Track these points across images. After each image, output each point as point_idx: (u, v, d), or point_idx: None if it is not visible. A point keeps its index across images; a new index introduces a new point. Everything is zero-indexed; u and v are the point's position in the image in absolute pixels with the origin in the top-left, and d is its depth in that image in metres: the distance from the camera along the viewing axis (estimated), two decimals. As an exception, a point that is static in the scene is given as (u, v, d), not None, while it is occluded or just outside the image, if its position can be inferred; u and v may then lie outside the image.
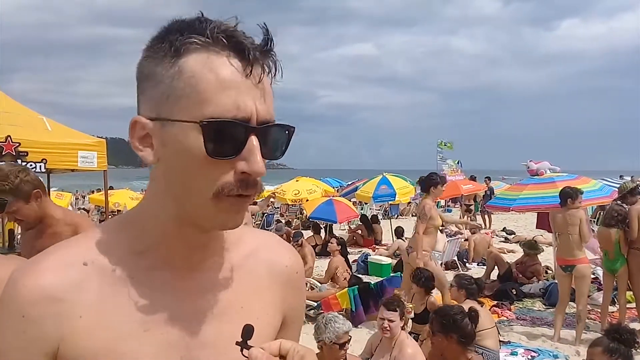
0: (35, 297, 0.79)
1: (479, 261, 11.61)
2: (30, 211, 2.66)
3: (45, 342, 0.79)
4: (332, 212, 13.10)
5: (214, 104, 0.74)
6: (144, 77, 0.80)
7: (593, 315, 7.42)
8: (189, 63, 0.75)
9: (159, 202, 0.84)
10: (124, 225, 0.90)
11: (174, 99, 0.76)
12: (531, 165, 9.59)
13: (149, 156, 0.80)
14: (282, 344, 0.78)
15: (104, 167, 6.70)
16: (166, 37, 0.77)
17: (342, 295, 7.12)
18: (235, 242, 0.96)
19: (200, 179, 0.77)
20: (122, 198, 16.43)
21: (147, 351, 0.82)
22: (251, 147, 0.76)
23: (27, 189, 2.62)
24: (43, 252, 0.86)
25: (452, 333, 3.77)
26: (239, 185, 0.77)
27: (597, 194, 8.70)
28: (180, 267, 0.87)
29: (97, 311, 0.81)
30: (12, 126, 6.00)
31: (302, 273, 1.05)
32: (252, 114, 0.76)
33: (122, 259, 0.85)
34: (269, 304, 0.95)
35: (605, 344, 3.26)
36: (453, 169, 24.88)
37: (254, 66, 0.76)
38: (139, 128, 0.80)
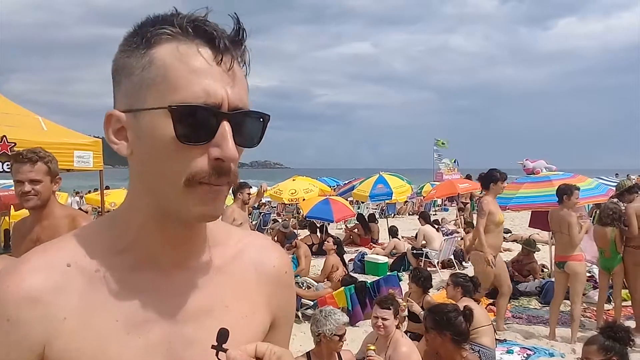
0: (18, 300, 0.78)
1: (476, 260, 11.61)
2: (49, 190, 2.91)
3: (30, 345, 0.78)
4: (329, 211, 13.11)
5: (184, 90, 0.74)
6: (118, 70, 0.80)
7: (589, 314, 7.45)
8: (160, 53, 0.75)
9: (136, 197, 0.84)
10: (106, 225, 0.90)
11: (145, 88, 0.76)
12: (527, 164, 9.60)
13: (123, 149, 0.81)
14: (257, 346, 0.77)
15: (100, 167, 6.68)
16: (139, 30, 0.78)
17: (339, 294, 7.13)
18: (222, 242, 0.95)
19: (171, 166, 0.76)
20: (118, 198, 16.36)
21: (130, 353, 0.81)
22: (223, 133, 0.75)
23: (56, 171, 2.95)
24: (26, 254, 0.86)
25: (446, 331, 3.79)
26: (212, 172, 0.76)
27: (593, 192, 8.73)
28: (163, 266, 0.86)
29: (80, 313, 0.80)
30: (8, 126, 5.98)
31: (290, 273, 1.04)
32: (223, 100, 0.75)
33: (105, 259, 0.84)
34: (256, 304, 0.94)
35: (600, 341, 3.27)
36: (450, 168, 24.96)
37: (224, 54, 0.76)
38: (114, 121, 0.80)
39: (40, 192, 2.86)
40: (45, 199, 2.89)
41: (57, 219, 2.89)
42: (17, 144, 5.74)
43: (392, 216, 20.82)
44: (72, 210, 3.27)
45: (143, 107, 0.76)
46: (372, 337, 4.83)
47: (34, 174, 2.84)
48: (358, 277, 9.64)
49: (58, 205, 3.02)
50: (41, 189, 2.86)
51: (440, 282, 9.55)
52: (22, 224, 3.05)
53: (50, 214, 2.91)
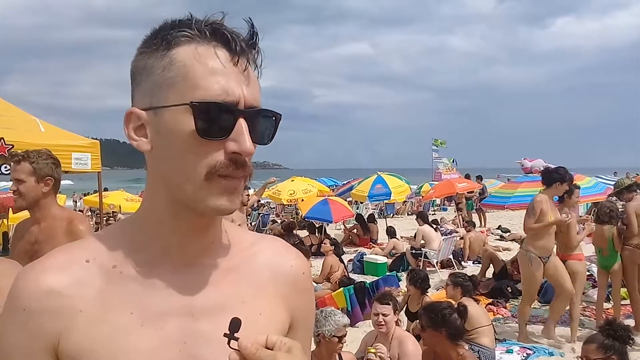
0: (36, 292, 0.82)
1: (474, 259, 11.62)
2: (33, 191, 2.84)
3: (46, 335, 0.81)
4: (328, 212, 13.12)
5: (203, 88, 0.78)
6: (138, 71, 0.85)
7: (588, 312, 7.45)
8: (179, 53, 0.80)
9: (154, 193, 0.88)
10: (126, 223, 0.94)
11: (165, 87, 0.80)
12: (525, 163, 9.63)
13: (143, 145, 0.84)
14: (268, 337, 0.78)
15: (97, 169, 6.68)
16: (158, 33, 0.83)
17: (338, 294, 7.13)
18: (237, 244, 0.97)
19: (192, 160, 0.80)
20: (116, 200, 16.36)
21: (145, 346, 0.82)
22: (240, 129, 0.80)
23: (45, 172, 2.86)
24: (49, 253, 0.89)
25: (441, 328, 3.80)
26: (229, 164, 0.80)
27: (592, 191, 8.75)
28: (179, 263, 0.89)
29: (97, 306, 0.83)
30: (6, 128, 5.97)
31: (308, 274, 1.04)
32: (240, 98, 0.80)
33: (122, 255, 0.88)
34: (274, 303, 0.95)
35: (599, 340, 3.27)
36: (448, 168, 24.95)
37: (240, 56, 0.81)
38: (134, 118, 0.84)
39: (22, 192, 2.82)
40: (30, 199, 2.84)
41: (55, 221, 2.86)
42: (15, 146, 5.74)
43: (391, 216, 20.83)
44: (71, 212, 3.23)
45: (164, 104, 0.80)
46: (371, 336, 4.82)
47: (17, 173, 2.83)
48: (357, 277, 9.65)
49: (57, 207, 2.98)
50: (23, 189, 2.82)
51: (439, 282, 9.54)
52: (23, 225, 3.04)
53: (48, 216, 2.88)
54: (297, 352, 0.79)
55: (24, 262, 2.67)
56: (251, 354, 0.75)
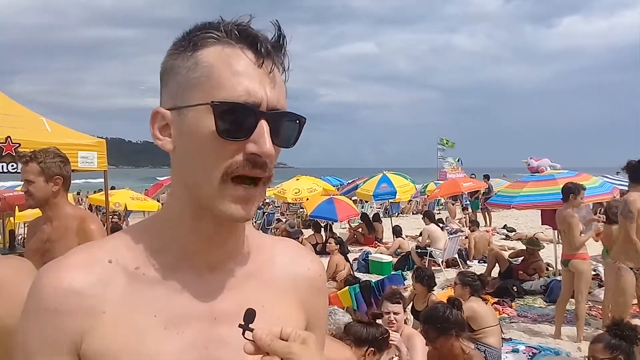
0: (59, 292, 0.81)
1: (480, 259, 11.62)
2: (42, 190, 2.86)
3: (69, 335, 0.81)
4: (333, 211, 13.10)
5: (226, 88, 0.79)
6: (166, 72, 0.85)
7: (594, 312, 7.42)
8: (205, 54, 0.81)
9: (177, 193, 0.88)
10: (148, 225, 0.94)
11: (189, 87, 0.81)
12: (531, 163, 9.57)
13: (167, 144, 0.85)
14: (283, 328, 0.79)
15: (104, 167, 6.70)
16: (187, 35, 0.84)
17: (344, 293, 7.12)
18: (256, 248, 0.97)
19: (211, 159, 0.80)
20: (122, 198, 16.37)
21: (167, 350, 0.83)
22: (261, 131, 0.79)
23: (53, 171, 2.87)
24: (70, 251, 0.89)
25: (451, 330, 3.80)
26: (245, 163, 0.80)
27: (599, 190, 8.70)
28: (200, 267, 0.89)
29: (119, 308, 0.83)
30: (12, 127, 6.00)
31: (324, 277, 1.06)
32: (262, 100, 0.80)
33: (145, 257, 0.88)
34: (291, 306, 0.96)
35: (606, 340, 3.26)
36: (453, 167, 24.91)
37: (265, 58, 0.81)
38: (159, 118, 0.85)
39: (32, 192, 2.84)
40: (40, 199, 2.86)
41: (67, 220, 2.87)
42: (22, 145, 5.76)
43: (396, 215, 20.81)
44: (83, 211, 3.26)
45: (187, 104, 0.81)
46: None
47: (26, 174, 2.85)
48: (362, 276, 9.63)
49: (69, 206, 2.99)
50: (33, 189, 2.84)
51: (444, 281, 9.54)
52: (35, 223, 3.07)
53: (60, 215, 2.89)
54: (311, 343, 0.80)
55: (36, 259, 2.70)
56: (266, 345, 0.76)
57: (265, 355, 0.76)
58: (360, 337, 3.50)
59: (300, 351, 0.77)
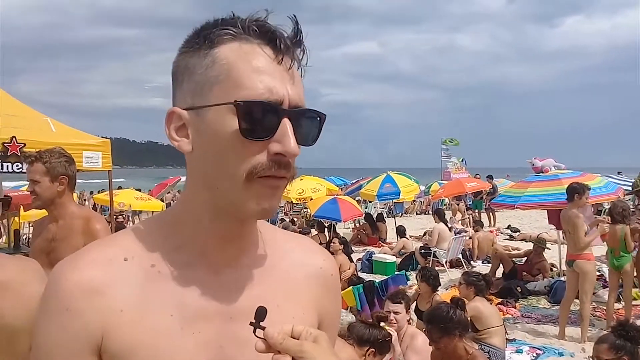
0: (78, 291, 0.80)
1: (484, 259, 11.59)
2: (48, 190, 2.86)
3: (89, 335, 0.80)
4: (337, 211, 13.09)
5: (248, 87, 0.77)
6: (180, 70, 0.83)
7: (599, 313, 7.40)
8: (223, 52, 0.78)
9: (194, 194, 0.86)
10: (162, 222, 0.92)
11: (208, 86, 0.79)
12: (536, 163, 9.54)
13: (185, 145, 0.82)
14: (294, 327, 0.78)
15: (108, 167, 6.71)
16: (201, 32, 0.81)
17: (347, 293, 7.11)
18: (270, 243, 0.96)
19: (234, 160, 0.78)
20: (126, 198, 16.38)
21: (184, 348, 0.82)
22: (284, 129, 0.78)
23: (58, 170, 2.88)
24: (84, 248, 0.88)
25: (454, 330, 3.79)
26: (271, 165, 0.78)
27: (603, 190, 8.67)
28: (216, 264, 0.88)
29: (137, 306, 0.82)
30: (17, 127, 6.02)
31: (337, 275, 1.04)
32: (285, 98, 0.78)
33: (160, 255, 0.86)
34: (304, 305, 0.95)
35: (611, 340, 3.25)
36: (457, 167, 24.85)
37: (284, 55, 0.79)
38: (176, 118, 0.83)
39: (38, 192, 2.85)
40: (46, 199, 2.87)
41: (72, 219, 2.88)
42: (27, 145, 5.78)
43: (399, 215, 20.77)
44: (89, 211, 3.28)
45: (207, 104, 0.79)
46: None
47: (32, 174, 2.86)
48: (366, 276, 9.63)
49: (74, 206, 3.00)
50: (39, 189, 2.84)
51: (448, 282, 9.52)
52: (41, 222, 3.07)
53: (65, 214, 2.90)
54: (323, 342, 0.79)
55: (41, 259, 2.72)
56: (277, 343, 0.75)
57: (277, 354, 0.76)
58: (362, 337, 3.50)
59: (312, 350, 0.76)
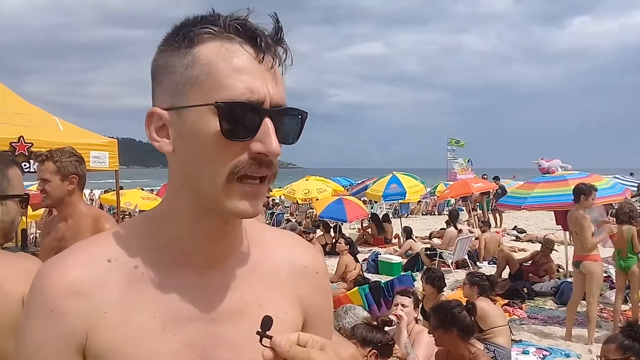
0: (63, 292, 0.81)
1: (490, 260, 11.56)
2: (58, 189, 2.87)
3: (73, 336, 0.80)
4: (342, 211, 13.09)
5: (228, 87, 0.76)
6: (159, 69, 0.82)
7: (605, 314, 7.37)
8: (203, 51, 0.77)
9: (176, 194, 0.86)
10: (145, 222, 0.91)
11: (188, 86, 0.78)
12: (542, 164, 9.51)
13: (165, 146, 0.82)
14: (300, 335, 0.78)
15: (115, 167, 6.73)
16: (180, 30, 0.80)
17: (353, 293, 7.11)
18: (255, 241, 0.96)
19: (215, 161, 0.78)
20: (133, 198, 16.43)
21: (166, 350, 0.82)
22: (265, 129, 0.77)
23: (69, 170, 2.88)
24: (68, 249, 0.88)
25: (452, 327, 3.80)
26: (252, 163, 0.78)
27: (610, 191, 8.63)
28: (200, 264, 0.88)
29: (120, 308, 0.82)
30: (25, 127, 6.04)
31: (323, 272, 1.03)
32: (266, 97, 0.77)
33: (144, 256, 0.86)
34: (288, 304, 0.94)
35: (619, 340, 3.25)
36: (463, 168, 24.80)
37: (265, 53, 0.78)
38: (156, 119, 0.82)
39: (48, 191, 2.86)
40: (56, 197, 2.87)
41: (81, 219, 2.88)
42: (34, 144, 5.80)
43: (405, 216, 20.75)
44: (98, 211, 3.28)
45: (187, 104, 0.78)
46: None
47: (42, 173, 2.86)
48: (371, 276, 9.64)
49: (83, 205, 3.01)
50: (49, 188, 2.85)
51: (454, 282, 9.50)
52: (51, 221, 3.09)
53: (74, 213, 2.91)
54: (329, 350, 0.79)
55: (49, 257, 2.72)
56: (285, 351, 0.75)
57: None
58: (365, 338, 3.53)
59: (319, 357, 0.76)
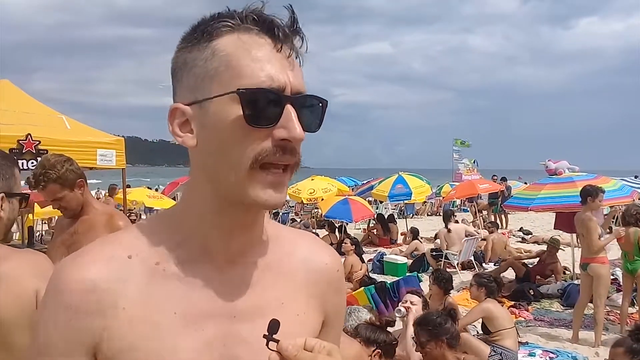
0: (80, 288, 0.80)
1: (496, 261, 11.52)
2: (74, 199, 2.83)
3: (89, 332, 0.80)
4: (348, 211, 13.09)
5: (249, 76, 0.77)
6: (179, 67, 0.83)
7: (612, 317, 7.33)
8: (222, 43, 0.79)
9: (197, 189, 0.86)
10: (166, 218, 0.92)
11: (209, 78, 0.79)
12: (549, 165, 9.46)
13: (189, 140, 0.82)
14: (307, 340, 0.78)
15: (122, 165, 6.74)
16: (198, 27, 0.82)
17: (359, 294, 7.10)
18: (274, 239, 0.95)
19: (239, 149, 0.78)
20: (139, 196, 16.46)
21: (185, 347, 0.82)
22: (288, 115, 0.78)
23: (72, 178, 2.81)
24: (87, 246, 0.88)
25: (442, 336, 3.86)
26: (276, 150, 0.78)
27: (618, 194, 8.59)
28: (220, 259, 0.87)
29: (140, 304, 0.82)
30: (32, 125, 6.06)
31: (342, 272, 1.04)
32: (286, 84, 0.78)
33: (164, 252, 0.86)
34: (308, 303, 0.94)
35: (628, 344, 3.22)
36: (469, 168, 24.75)
37: (283, 43, 0.80)
38: (179, 114, 0.83)
39: (66, 206, 2.85)
40: (77, 205, 2.86)
41: (95, 215, 2.88)
42: (42, 142, 5.82)
43: (410, 217, 20.71)
44: (111, 209, 3.29)
45: (209, 96, 0.79)
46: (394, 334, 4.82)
47: (50, 195, 2.81)
48: (377, 277, 9.61)
49: (96, 202, 3.01)
50: (65, 204, 2.83)
51: (460, 284, 9.47)
52: (63, 219, 3.09)
53: (88, 210, 2.90)
54: (337, 355, 0.79)
55: (61, 251, 2.74)
56: (292, 356, 0.74)
57: None
58: (369, 338, 3.56)
59: None
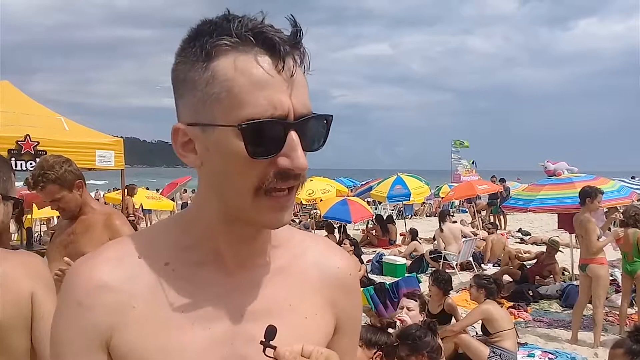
0: (90, 286, 0.82)
1: (495, 262, 11.52)
2: (73, 200, 2.83)
3: (100, 330, 0.81)
4: (347, 212, 13.08)
5: (251, 105, 0.74)
6: (179, 83, 0.81)
7: (611, 317, 7.33)
8: (221, 66, 0.76)
9: (206, 201, 0.86)
10: (177, 222, 0.93)
11: (210, 104, 0.77)
12: (548, 166, 9.50)
13: (193, 161, 0.82)
14: (304, 346, 0.78)
15: (121, 166, 6.75)
16: (196, 39, 0.78)
17: (358, 295, 7.10)
18: (285, 242, 0.95)
19: (242, 178, 0.78)
20: (138, 197, 16.44)
21: (194, 346, 0.83)
22: (291, 143, 0.76)
23: (70, 179, 2.80)
24: (100, 247, 0.89)
25: (422, 350, 3.86)
26: (279, 178, 0.77)
27: (616, 194, 8.61)
28: (229, 263, 0.88)
29: (149, 303, 0.83)
30: (31, 126, 6.07)
31: (355, 276, 1.02)
32: (289, 110, 0.76)
33: (175, 254, 0.87)
34: (318, 306, 0.94)
35: (627, 345, 3.21)
36: (468, 169, 24.77)
37: (285, 60, 0.76)
38: (181, 135, 0.82)
39: (64, 207, 2.84)
40: (76, 206, 2.86)
41: (93, 215, 2.88)
42: (40, 143, 5.83)
43: (409, 217, 20.72)
44: (109, 208, 3.31)
45: (211, 122, 0.77)
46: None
47: (49, 196, 2.81)
48: (376, 278, 9.62)
49: (94, 202, 3.02)
50: (64, 204, 2.83)
51: (458, 285, 9.46)
52: (62, 220, 3.09)
53: (87, 210, 2.90)
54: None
55: (60, 251, 2.75)
56: None
57: None
58: (370, 340, 3.57)
59: None
